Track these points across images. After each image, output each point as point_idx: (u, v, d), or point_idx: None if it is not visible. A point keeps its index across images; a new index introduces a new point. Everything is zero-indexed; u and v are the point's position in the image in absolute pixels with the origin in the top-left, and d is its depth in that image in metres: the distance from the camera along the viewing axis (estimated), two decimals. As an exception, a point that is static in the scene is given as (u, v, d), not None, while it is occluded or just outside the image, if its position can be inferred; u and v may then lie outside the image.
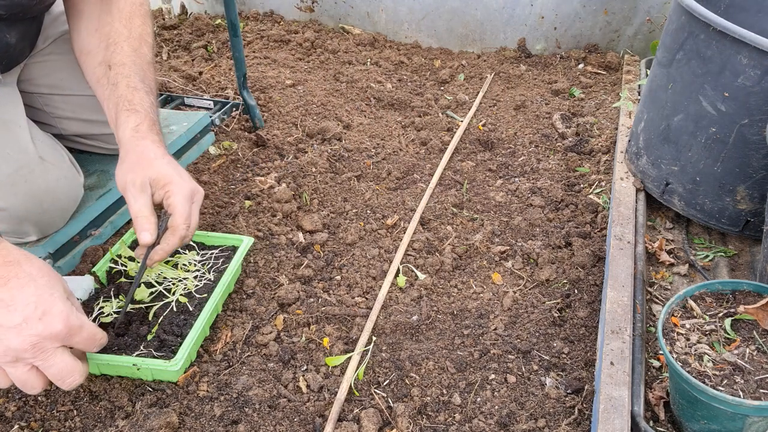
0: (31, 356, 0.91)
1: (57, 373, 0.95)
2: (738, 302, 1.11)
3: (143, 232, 1.15)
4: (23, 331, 0.89)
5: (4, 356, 0.91)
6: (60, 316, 0.92)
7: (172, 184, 1.18)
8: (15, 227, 1.36)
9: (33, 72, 1.51)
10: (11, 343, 0.89)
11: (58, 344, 0.93)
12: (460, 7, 2.57)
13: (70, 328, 0.93)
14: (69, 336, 0.94)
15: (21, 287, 0.90)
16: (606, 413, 1.03)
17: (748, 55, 1.24)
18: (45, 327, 0.91)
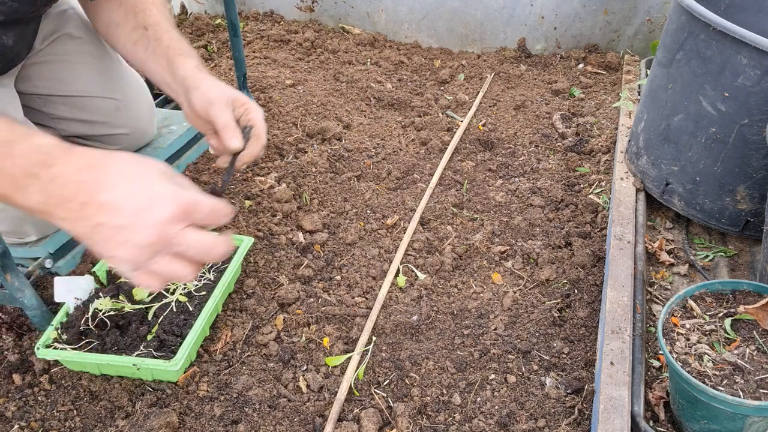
0: (163, 246, 0.87)
1: (198, 252, 0.89)
2: (738, 302, 1.11)
3: (233, 139, 1.19)
4: (140, 226, 0.85)
5: (140, 257, 0.87)
6: (167, 199, 0.86)
7: (249, 104, 1.26)
8: (15, 228, 1.36)
9: (31, 73, 1.51)
10: (137, 241, 0.84)
11: (182, 225, 0.87)
12: (460, 7, 2.57)
13: (183, 206, 0.86)
14: (187, 214, 0.87)
15: (116, 187, 0.85)
16: (606, 413, 1.03)
17: (748, 55, 1.24)
18: (158, 214, 0.85)
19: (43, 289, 1.43)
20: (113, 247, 0.86)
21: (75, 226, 0.86)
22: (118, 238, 0.85)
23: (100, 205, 0.85)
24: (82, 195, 0.85)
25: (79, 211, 0.85)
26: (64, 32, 1.53)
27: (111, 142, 1.66)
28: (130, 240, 0.85)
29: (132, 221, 0.84)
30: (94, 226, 0.85)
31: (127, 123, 1.64)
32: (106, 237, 0.85)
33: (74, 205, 0.85)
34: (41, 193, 0.86)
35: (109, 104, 1.60)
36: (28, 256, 1.41)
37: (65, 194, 0.85)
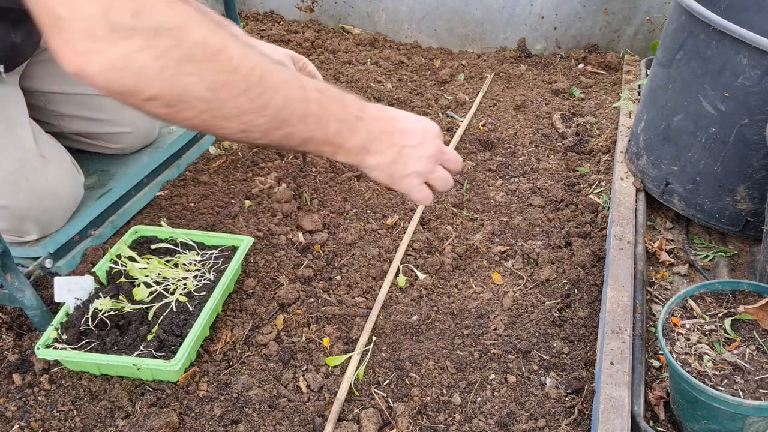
0: (439, 156, 1.14)
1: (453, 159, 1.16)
2: (738, 302, 1.11)
3: None
4: (427, 142, 1.12)
5: (428, 167, 1.13)
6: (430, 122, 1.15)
7: (304, 59, 1.39)
8: (16, 225, 1.36)
9: (35, 71, 1.51)
10: (428, 153, 1.12)
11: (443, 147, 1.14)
12: (460, 7, 2.56)
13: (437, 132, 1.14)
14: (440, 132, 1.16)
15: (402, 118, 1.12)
16: (606, 413, 1.03)
17: (748, 55, 1.24)
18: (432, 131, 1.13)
19: (43, 289, 1.43)
20: (413, 164, 1.12)
21: (385, 154, 1.10)
22: (416, 154, 1.11)
23: (401, 132, 1.10)
24: (388, 127, 1.09)
25: (388, 140, 1.10)
26: None
27: (114, 141, 1.66)
28: (423, 154, 1.12)
29: (421, 139, 1.11)
30: (400, 148, 1.10)
31: (130, 122, 1.65)
32: (408, 155, 1.11)
33: (385, 136, 1.09)
34: (365, 131, 1.07)
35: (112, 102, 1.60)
36: (28, 255, 1.41)
37: (378, 129, 1.08)
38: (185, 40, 0.86)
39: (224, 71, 0.90)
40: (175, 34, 0.85)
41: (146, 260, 1.36)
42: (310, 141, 1.04)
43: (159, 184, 1.74)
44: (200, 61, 0.88)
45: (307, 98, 1.01)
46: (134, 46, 0.81)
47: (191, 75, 0.88)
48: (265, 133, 1.00)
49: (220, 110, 0.93)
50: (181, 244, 1.44)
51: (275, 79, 0.97)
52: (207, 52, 0.88)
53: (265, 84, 0.94)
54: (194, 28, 0.87)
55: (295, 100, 0.99)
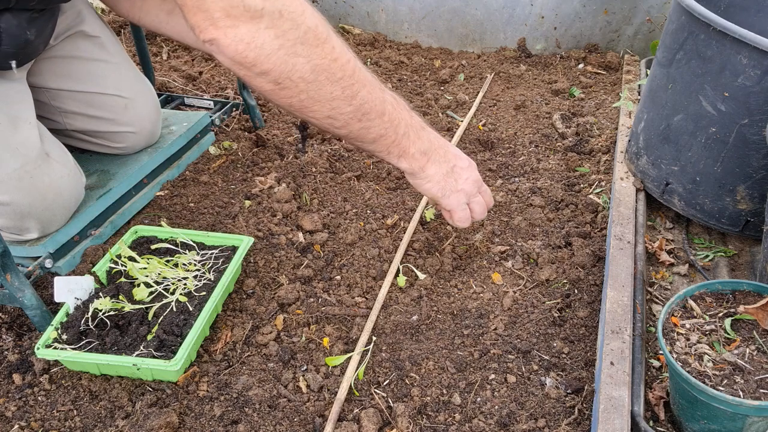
0: (479, 186, 1.29)
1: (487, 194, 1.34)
2: (738, 302, 1.11)
3: None
4: (472, 169, 1.27)
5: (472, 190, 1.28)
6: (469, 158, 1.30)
7: None
8: (17, 223, 1.36)
9: (42, 67, 1.52)
10: (474, 178, 1.27)
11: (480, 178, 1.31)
12: (460, 7, 2.56)
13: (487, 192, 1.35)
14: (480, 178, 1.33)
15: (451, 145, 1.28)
16: (606, 413, 1.03)
17: (748, 55, 1.24)
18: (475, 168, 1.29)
19: (43, 289, 1.44)
20: (462, 182, 1.26)
21: (440, 167, 1.22)
22: (465, 174, 1.26)
23: (454, 155, 1.26)
24: (444, 146, 1.24)
25: (444, 155, 1.23)
26: (79, 30, 1.56)
27: (117, 140, 1.67)
28: (470, 176, 1.27)
29: (469, 165, 1.27)
30: (452, 167, 1.24)
31: (133, 122, 1.65)
32: (458, 174, 1.25)
33: (442, 151, 1.23)
34: (427, 140, 1.19)
35: (117, 102, 1.61)
36: (28, 255, 1.41)
37: (437, 143, 1.22)
38: (302, 24, 0.97)
39: (327, 58, 1.00)
40: (295, 18, 0.96)
41: (146, 260, 1.36)
42: (382, 138, 1.15)
43: (159, 184, 1.75)
44: (311, 45, 0.98)
45: (384, 99, 1.11)
46: (261, 25, 0.93)
47: (301, 56, 0.98)
48: (347, 123, 1.10)
49: (316, 92, 1.03)
50: (181, 244, 1.44)
51: (364, 75, 1.08)
52: (317, 38, 0.99)
53: (357, 77, 1.05)
54: (309, 14, 0.98)
55: (376, 98, 1.09)
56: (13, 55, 1.31)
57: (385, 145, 1.16)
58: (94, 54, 1.58)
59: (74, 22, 1.55)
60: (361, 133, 1.13)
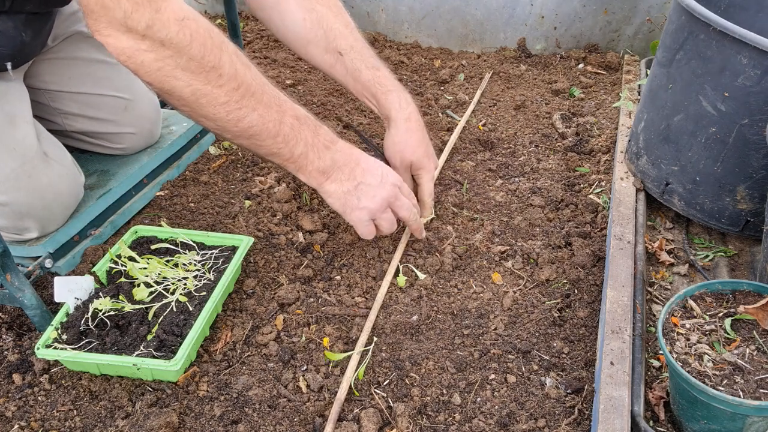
0: (392, 200, 1.30)
1: (406, 209, 1.34)
2: (738, 302, 1.11)
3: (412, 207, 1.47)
4: (384, 185, 1.28)
5: (380, 207, 1.29)
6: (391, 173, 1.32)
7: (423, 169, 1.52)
8: (16, 223, 1.36)
9: (41, 69, 1.52)
10: (382, 195, 1.28)
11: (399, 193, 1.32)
12: (460, 7, 2.56)
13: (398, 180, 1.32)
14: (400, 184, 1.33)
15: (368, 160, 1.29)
16: (606, 413, 1.03)
17: (748, 55, 1.24)
18: (392, 178, 1.30)
19: (43, 289, 1.44)
20: (366, 200, 1.28)
21: (343, 184, 1.26)
22: (370, 192, 1.27)
23: (363, 170, 1.27)
24: (351, 163, 1.26)
25: (349, 173, 1.26)
26: (78, 30, 1.56)
27: (117, 141, 1.67)
28: (378, 194, 1.28)
29: (379, 181, 1.28)
30: (357, 184, 1.27)
31: (133, 122, 1.65)
32: (363, 191, 1.27)
33: (347, 170, 1.26)
34: (329, 159, 1.23)
35: (117, 103, 1.61)
36: (28, 255, 1.41)
37: (342, 161, 1.25)
38: (184, 54, 1.03)
39: (209, 85, 1.06)
40: (180, 48, 1.02)
41: (146, 260, 1.37)
42: (276, 155, 1.20)
43: (159, 184, 1.75)
44: (192, 73, 1.04)
45: (281, 121, 1.16)
46: (142, 46, 1.00)
47: (180, 80, 1.04)
48: (235, 138, 1.17)
49: (198, 110, 1.10)
50: (181, 244, 1.44)
51: (257, 100, 1.12)
52: (200, 66, 1.05)
53: (244, 102, 1.10)
54: (196, 46, 1.03)
55: (269, 122, 1.14)
56: (9, 57, 1.31)
57: (281, 161, 1.22)
58: (94, 55, 1.58)
59: (73, 22, 1.55)
60: (252, 148, 1.20)
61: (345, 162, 1.26)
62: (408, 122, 1.50)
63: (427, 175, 1.53)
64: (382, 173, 1.30)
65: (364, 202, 1.28)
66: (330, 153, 1.24)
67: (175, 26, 1.00)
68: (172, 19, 1.00)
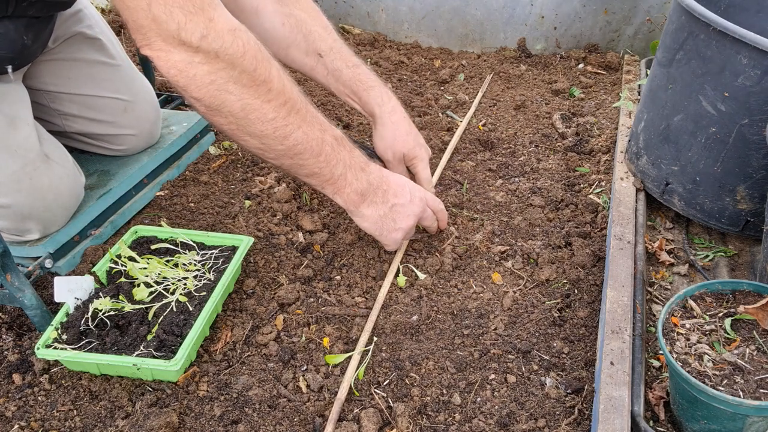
0: (421, 214, 1.35)
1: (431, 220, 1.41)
2: (738, 302, 1.11)
3: None
4: (414, 200, 1.33)
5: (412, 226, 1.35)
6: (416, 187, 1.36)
7: (417, 158, 1.54)
8: (17, 224, 1.36)
9: (41, 70, 1.52)
10: (415, 211, 1.33)
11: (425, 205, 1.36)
12: (460, 7, 2.56)
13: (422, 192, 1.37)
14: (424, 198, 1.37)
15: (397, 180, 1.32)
16: (606, 413, 1.03)
17: (748, 55, 1.24)
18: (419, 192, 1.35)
19: (43, 289, 1.44)
20: (400, 221, 1.31)
21: (379, 207, 1.28)
22: (405, 212, 1.31)
23: (394, 191, 1.30)
24: (383, 185, 1.28)
25: (383, 196, 1.28)
26: (78, 32, 1.56)
27: (117, 143, 1.67)
28: (411, 213, 1.32)
29: (409, 199, 1.31)
30: (391, 206, 1.29)
31: (133, 124, 1.65)
32: (398, 212, 1.30)
33: (380, 192, 1.28)
34: (365, 181, 1.24)
35: (117, 104, 1.61)
36: (28, 255, 1.41)
37: (376, 184, 1.27)
38: (237, 66, 1.01)
39: (260, 99, 1.05)
40: (233, 60, 1.00)
41: (146, 260, 1.37)
42: (317, 175, 1.20)
43: (159, 184, 1.75)
44: (244, 86, 1.03)
45: (323, 140, 1.15)
46: (196, 59, 0.97)
47: (232, 94, 1.03)
48: (279, 157, 1.15)
49: (246, 127, 1.07)
50: (181, 244, 1.44)
51: (301, 117, 1.11)
52: (253, 80, 1.03)
53: (291, 119, 1.09)
54: (249, 58, 1.02)
55: (313, 139, 1.13)
56: (10, 60, 1.31)
57: (320, 182, 1.22)
58: (94, 56, 1.58)
59: (74, 24, 1.55)
60: (293, 169, 1.19)
61: (378, 184, 1.27)
62: (392, 115, 1.51)
63: (422, 163, 1.54)
64: (410, 190, 1.33)
65: (400, 223, 1.31)
66: (365, 175, 1.25)
67: (228, 36, 0.98)
68: (226, 29, 0.98)
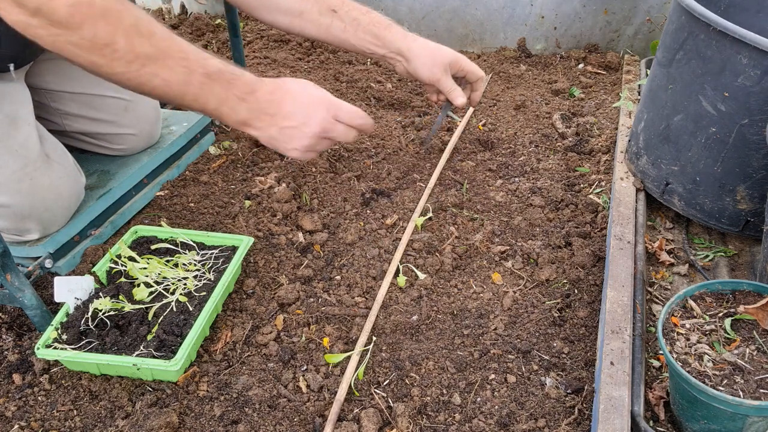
0: (323, 136, 1.30)
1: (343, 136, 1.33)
2: (738, 302, 1.11)
3: (459, 97, 1.63)
4: (308, 125, 1.27)
5: (312, 144, 1.30)
6: (321, 105, 1.29)
7: (461, 58, 1.60)
8: (18, 224, 1.36)
9: (43, 69, 1.52)
10: (309, 134, 1.28)
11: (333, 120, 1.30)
12: (460, 7, 2.57)
13: (331, 109, 1.29)
14: (335, 114, 1.30)
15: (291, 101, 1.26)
16: (606, 413, 1.03)
17: (748, 55, 1.24)
18: (317, 116, 1.28)
19: (43, 289, 1.44)
20: (295, 141, 1.28)
21: (267, 130, 1.27)
22: (296, 134, 1.28)
23: (284, 115, 1.26)
24: (272, 109, 1.25)
25: (271, 119, 1.25)
26: None
27: (117, 142, 1.67)
28: (305, 134, 1.28)
29: (304, 120, 1.27)
30: (281, 128, 1.27)
31: (133, 123, 1.65)
32: (289, 135, 1.28)
33: (266, 117, 1.25)
34: (248, 111, 1.23)
35: (118, 104, 1.61)
36: (28, 255, 1.41)
37: (260, 110, 1.24)
38: (75, 34, 1.04)
39: (105, 59, 1.07)
40: (69, 27, 1.02)
41: (146, 260, 1.37)
42: (188, 108, 1.22)
43: (159, 184, 1.75)
44: (85, 49, 1.06)
45: (188, 81, 1.16)
46: (33, 22, 1.00)
47: (76, 54, 1.06)
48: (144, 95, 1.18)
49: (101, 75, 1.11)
50: (181, 244, 1.44)
51: (159, 66, 1.12)
52: (93, 44, 1.06)
53: (145, 70, 1.11)
54: (88, 25, 1.04)
55: (174, 84, 1.15)
56: (11, 58, 1.31)
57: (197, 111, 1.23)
58: None
59: None
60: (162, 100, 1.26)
61: (264, 109, 1.26)
62: (417, 40, 1.56)
63: (465, 60, 1.61)
64: (308, 112, 1.29)
65: (293, 143, 1.30)
66: (246, 104, 1.24)
67: (64, 10, 1.00)
68: (62, 4, 1.00)
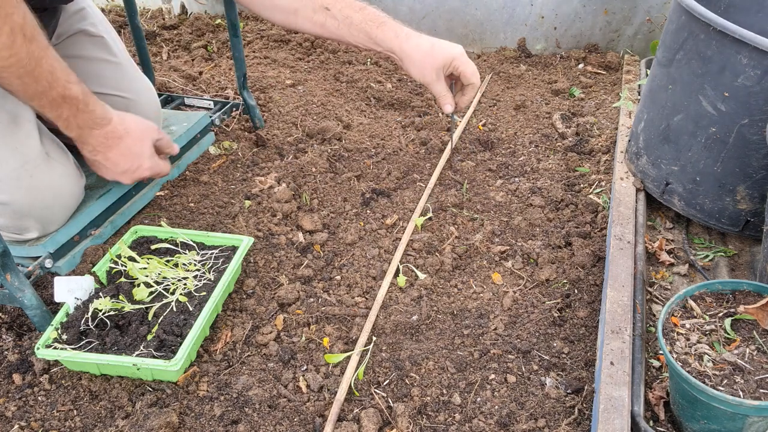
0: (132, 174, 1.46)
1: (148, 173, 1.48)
2: (738, 302, 1.11)
3: (446, 105, 1.57)
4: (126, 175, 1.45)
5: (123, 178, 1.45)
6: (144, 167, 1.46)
7: (456, 59, 1.53)
8: (16, 222, 1.36)
9: None
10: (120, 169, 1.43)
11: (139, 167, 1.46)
12: (460, 7, 2.57)
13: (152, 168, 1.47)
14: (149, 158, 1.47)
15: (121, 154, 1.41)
16: (606, 413, 1.03)
17: (748, 55, 1.24)
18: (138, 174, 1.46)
19: (43, 289, 1.43)
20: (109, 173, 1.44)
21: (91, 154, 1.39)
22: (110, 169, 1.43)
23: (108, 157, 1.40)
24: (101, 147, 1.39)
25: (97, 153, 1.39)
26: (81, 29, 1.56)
27: None
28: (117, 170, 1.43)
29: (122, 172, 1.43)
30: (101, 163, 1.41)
31: None
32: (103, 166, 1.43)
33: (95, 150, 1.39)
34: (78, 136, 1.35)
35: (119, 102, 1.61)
36: (28, 255, 1.41)
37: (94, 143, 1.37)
38: None
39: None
40: None
41: (146, 260, 1.36)
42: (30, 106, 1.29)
43: (159, 184, 1.74)
44: None
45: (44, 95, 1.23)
46: None
47: None
48: None
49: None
50: (181, 244, 1.44)
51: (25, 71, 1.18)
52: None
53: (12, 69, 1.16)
54: None
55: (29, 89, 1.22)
56: None
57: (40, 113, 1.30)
58: (97, 54, 1.58)
59: (77, 21, 1.55)
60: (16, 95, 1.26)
61: (94, 145, 1.38)
62: (410, 40, 1.52)
63: (461, 60, 1.54)
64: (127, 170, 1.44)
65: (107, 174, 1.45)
66: (81, 131, 1.35)
67: None
68: None
